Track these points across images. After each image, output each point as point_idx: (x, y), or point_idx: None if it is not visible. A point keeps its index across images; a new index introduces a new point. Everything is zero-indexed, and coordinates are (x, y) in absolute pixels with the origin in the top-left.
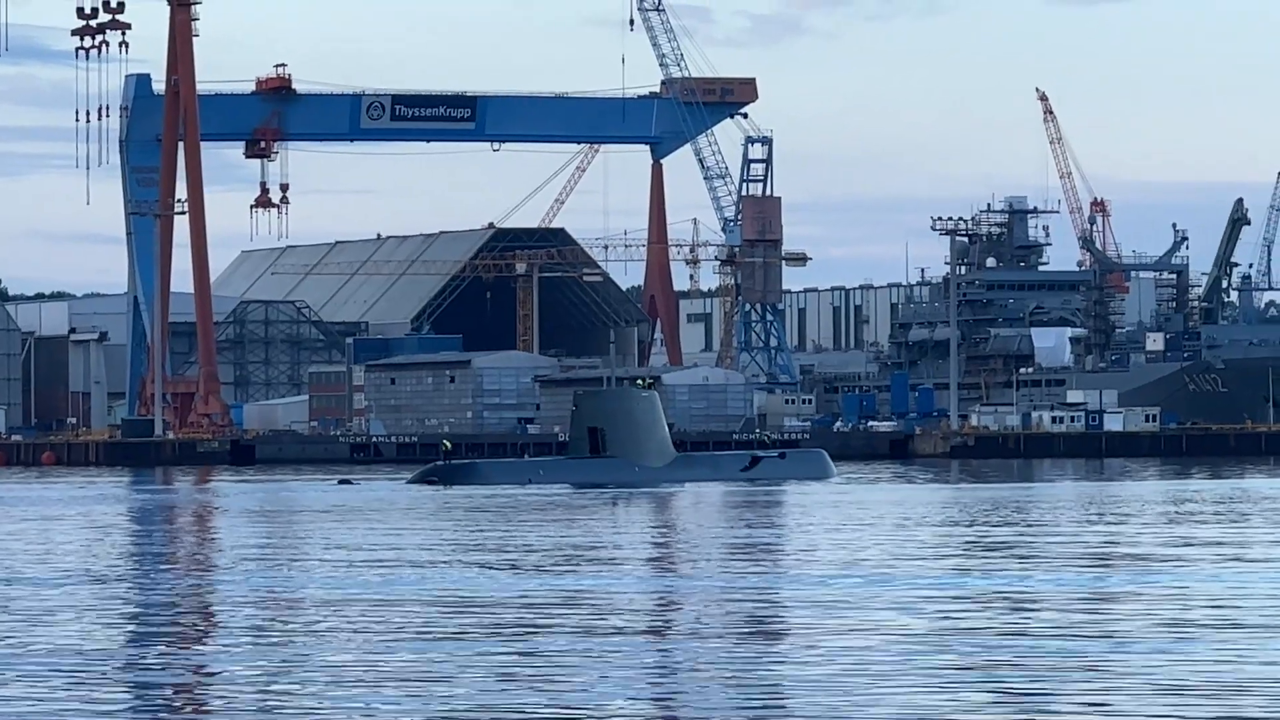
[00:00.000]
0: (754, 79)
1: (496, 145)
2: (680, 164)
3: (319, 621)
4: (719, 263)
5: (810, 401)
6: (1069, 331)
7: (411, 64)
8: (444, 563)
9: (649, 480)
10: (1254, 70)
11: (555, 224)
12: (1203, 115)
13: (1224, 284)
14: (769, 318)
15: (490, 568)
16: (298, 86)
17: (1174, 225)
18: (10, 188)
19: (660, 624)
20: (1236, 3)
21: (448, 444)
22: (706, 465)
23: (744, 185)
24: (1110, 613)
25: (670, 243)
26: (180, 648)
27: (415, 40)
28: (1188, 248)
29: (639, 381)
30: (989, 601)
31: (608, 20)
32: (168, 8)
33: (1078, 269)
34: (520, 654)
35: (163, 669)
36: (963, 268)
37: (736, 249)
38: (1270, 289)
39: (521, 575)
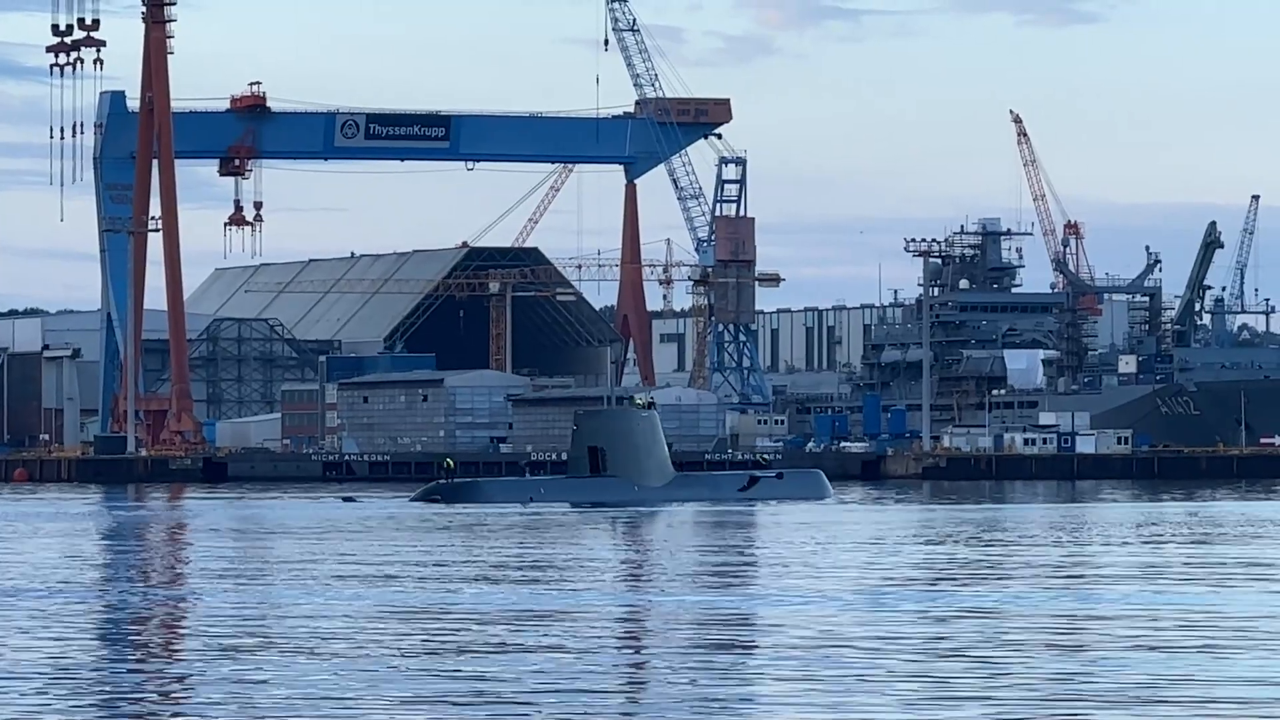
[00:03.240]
0: (728, 99)
1: (471, 164)
2: (654, 184)
3: (303, 635)
4: (692, 283)
5: (783, 422)
6: (1041, 353)
7: (386, 83)
8: (430, 578)
9: (648, 499)
10: (1228, 93)
11: (529, 243)
12: (1176, 138)
13: (1197, 307)
14: (742, 338)
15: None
16: (272, 104)
17: (1147, 248)
18: None
19: (640, 639)
20: (1210, 25)
21: (450, 462)
22: (705, 485)
23: (718, 205)
24: (1086, 630)
25: (644, 263)
26: (154, 659)
27: (390, 59)
28: (1161, 270)
29: (638, 401)
30: (972, 618)
31: (582, 40)
32: (143, 25)
33: (1051, 291)
34: (493, 668)
35: (141, 682)
36: (936, 289)
37: (710, 269)
38: (1243, 312)
39: (505, 590)
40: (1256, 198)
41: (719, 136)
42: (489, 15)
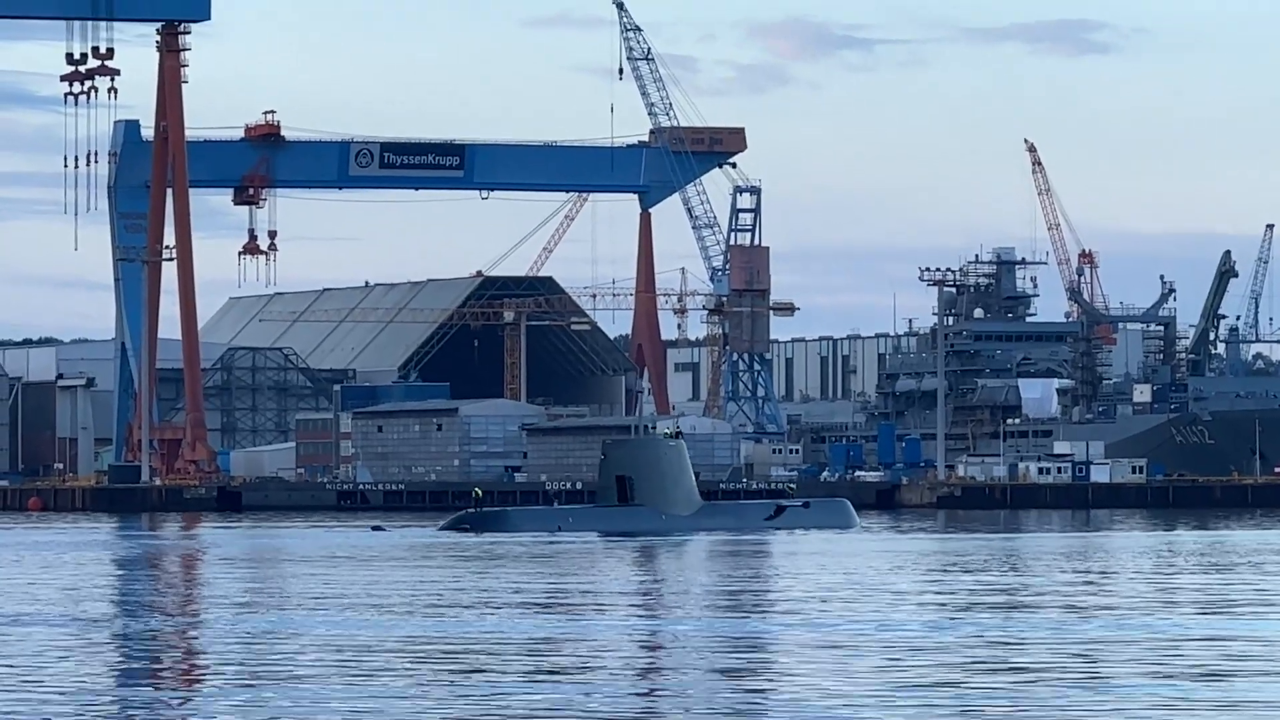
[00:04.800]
0: (742, 128)
1: (485, 193)
2: (668, 213)
3: (322, 660)
4: (707, 312)
5: (797, 451)
6: (1056, 383)
7: (400, 112)
8: (450, 606)
9: (676, 528)
10: (1242, 121)
11: (543, 272)
12: (1191, 167)
13: (1211, 336)
14: (756, 367)
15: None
16: (286, 133)
17: (1161, 277)
18: None
19: (654, 664)
20: (1223, 54)
21: (479, 491)
22: (732, 514)
23: (732, 235)
24: (1100, 659)
25: (658, 292)
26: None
27: (404, 88)
28: (1175, 299)
29: (666, 431)
30: (992, 647)
31: (597, 69)
32: (157, 54)
33: (1065, 320)
34: (510, 693)
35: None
36: (950, 318)
37: (724, 298)
38: (1257, 341)
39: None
40: (1270, 227)
41: (733, 165)
42: (503, 44)
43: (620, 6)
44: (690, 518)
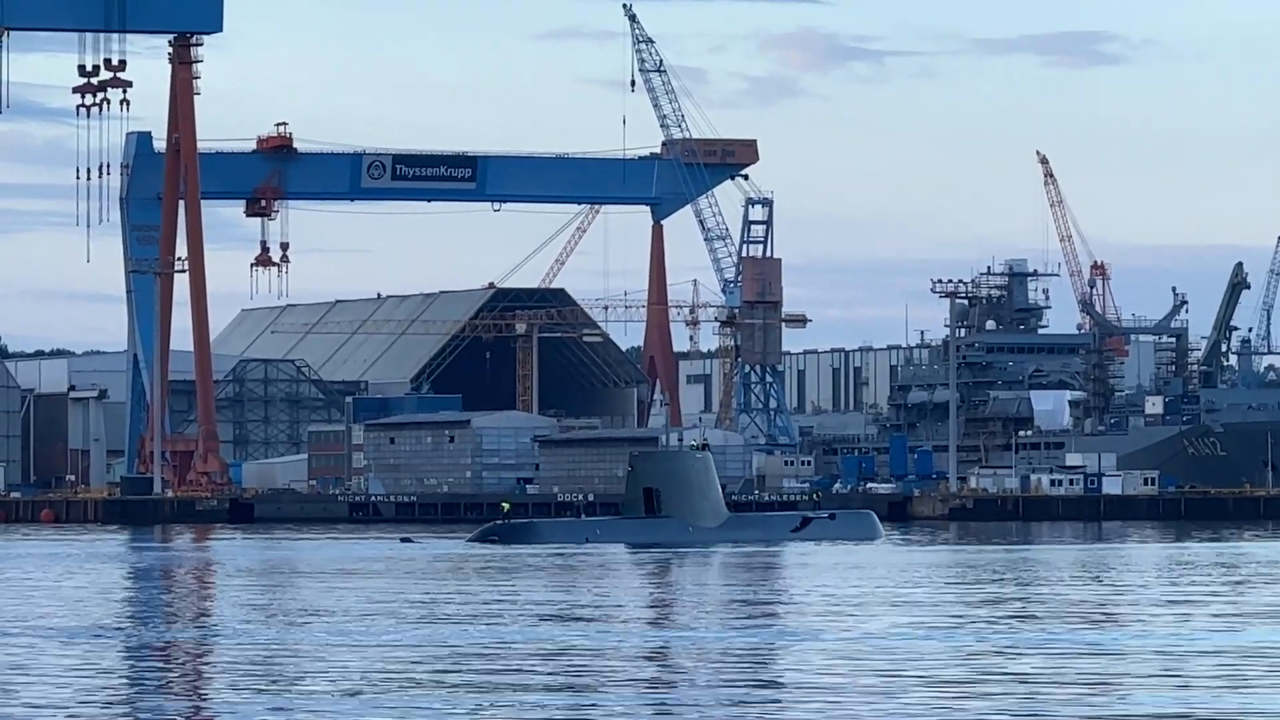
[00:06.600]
0: (755, 140)
1: (497, 205)
2: (681, 225)
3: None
4: (719, 324)
5: (809, 463)
6: (1068, 394)
7: (412, 124)
8: (467, 618)
9: (703, 540)
10: (1254, 134)
11: (555, 284)
12: (1203, 179)
13: (1223, 348)
14: (768, 379)
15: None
16: (299, 145)
17: (1174, 289)
18: (9, 245)
19: (666, 675)
20: (1234, 66)
21: (506, 504)
22: (758, 526)
23: (744, 246)
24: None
25: (670, 304)
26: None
27: (416, 100)
28: (1187, 311)
29: (693, 444)
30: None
31: (609, 81)
32: (169, 66)
33: (1077, 332)
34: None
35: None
36: (962, 330)
37: (736, 310)
38: (1270, 353)
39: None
40: None
41: (745, 177)
42: (515, 56)
43: (632, 18)
44: (717, 530)
